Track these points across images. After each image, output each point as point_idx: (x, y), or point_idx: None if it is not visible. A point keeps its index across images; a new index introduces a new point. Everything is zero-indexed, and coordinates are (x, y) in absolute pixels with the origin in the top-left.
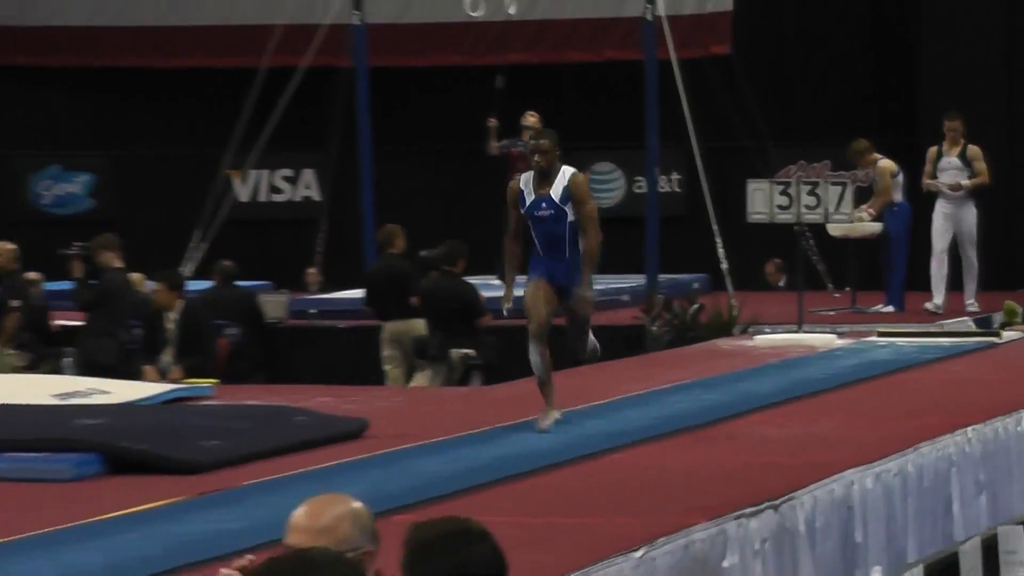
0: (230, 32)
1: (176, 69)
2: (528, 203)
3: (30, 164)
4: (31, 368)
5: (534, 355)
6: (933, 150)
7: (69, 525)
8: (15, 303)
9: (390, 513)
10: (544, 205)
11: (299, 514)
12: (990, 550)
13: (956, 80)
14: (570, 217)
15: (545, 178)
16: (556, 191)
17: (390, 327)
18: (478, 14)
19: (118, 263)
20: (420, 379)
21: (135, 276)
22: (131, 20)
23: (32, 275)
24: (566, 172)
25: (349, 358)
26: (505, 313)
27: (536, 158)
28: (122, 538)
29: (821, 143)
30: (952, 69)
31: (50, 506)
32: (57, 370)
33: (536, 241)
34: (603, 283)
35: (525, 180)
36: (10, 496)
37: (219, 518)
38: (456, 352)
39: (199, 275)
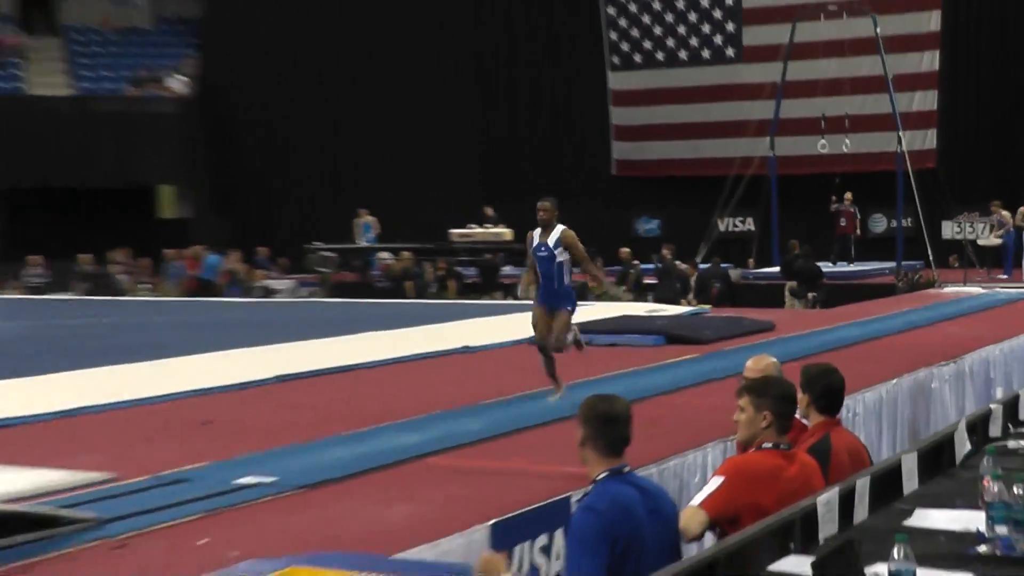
0: (715, 160)
1: (691, 176)
2: (534, 246)
3: (635, 215)
4: (635, 299)
5: (541, 361)
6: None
7: (650, 366)
8: (631, 270)
9: (792, 362)
10: (543, 249)
11: (748, 362)
12: None
13: None
14: (559, 259)
15: (546, 229)
16: (551, 240)
17: (787, 283)
18: (825, 150)
19: (669, 255)
20: (796, 307)
21: (678, 263)
22: (662, 155)
23: (635, 262)
24: (559, 228)
25: (768, 297)
26: (520, 294)
27: (540, 213)
28: (664, 373)
29: (976, 201)
30: None
31: (641, 358)
32: (644, 300)
33: (539, 273)
34: (878, 265)
35: (537, 232)
36: (616, 355)
37: (710, 367)
38: (811, 294)
39: (704, 261)
